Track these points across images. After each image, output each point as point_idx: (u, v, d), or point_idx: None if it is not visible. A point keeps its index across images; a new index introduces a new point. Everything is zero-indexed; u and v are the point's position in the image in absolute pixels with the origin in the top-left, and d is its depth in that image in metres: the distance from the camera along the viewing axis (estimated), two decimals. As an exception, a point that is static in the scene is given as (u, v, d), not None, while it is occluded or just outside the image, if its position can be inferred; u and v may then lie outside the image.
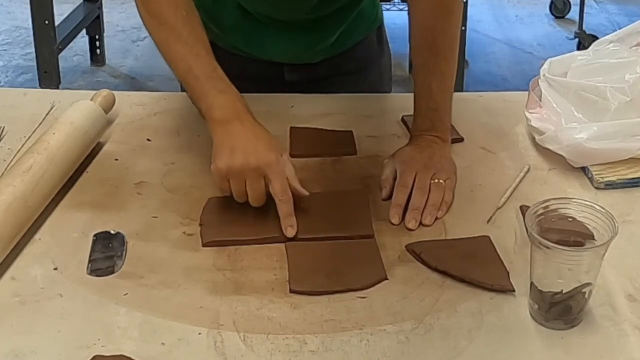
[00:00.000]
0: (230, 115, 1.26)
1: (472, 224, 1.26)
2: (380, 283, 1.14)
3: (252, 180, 1.22)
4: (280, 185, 1.22)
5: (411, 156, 1.36)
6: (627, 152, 1.36)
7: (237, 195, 1.24)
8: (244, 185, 1.23)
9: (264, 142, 1.25)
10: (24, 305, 1.10)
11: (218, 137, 1.26)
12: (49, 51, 3.69)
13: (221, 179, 1.24)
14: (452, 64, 1.42)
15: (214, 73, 1.30)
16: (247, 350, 1.03)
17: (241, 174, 1.22)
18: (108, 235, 1.23)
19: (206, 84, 1.29)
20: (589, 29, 4.41)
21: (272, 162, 1.22)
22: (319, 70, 1.64)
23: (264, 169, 1.22)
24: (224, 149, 1.24)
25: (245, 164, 1.22)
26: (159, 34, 1.35)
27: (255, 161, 1.22)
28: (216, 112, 1.27)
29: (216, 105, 1.27)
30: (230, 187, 1.24)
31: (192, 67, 1.30)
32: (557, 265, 1.03)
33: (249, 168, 1.22)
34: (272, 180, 1.22)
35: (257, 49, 1.60)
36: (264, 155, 1.22)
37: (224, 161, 1.23)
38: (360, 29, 1.64)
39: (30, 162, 1.27)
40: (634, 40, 1.54)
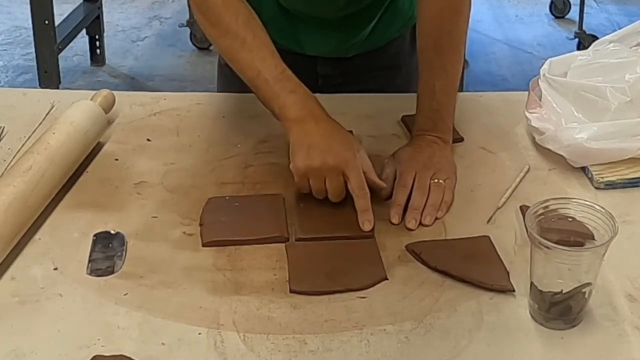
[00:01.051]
0: (304, 114, 1.29)
1: (472, 224, 1.26)
2: (380, 283, 1.14)
3: (331, 178, 1.25)
4: (357, 181, 1.24)
5: (411, 156, 1.36)
6: (627, 152, 1.36)
7: (317, 192, 1.27)
8: (323, 182, 1.26)
9: (339, 139, 1.28)
10: (24, 305, 1.10)
11: (294, 136, 1.28)
12: (49, 51, 3.68)
13: (300, 178, 1.27)
14: (457, 65, 1.42)
15: (283, 75, 1.32)
16: (247, 350, 1.03)
17: (320, 173, 1.25)
18: (108, 235, 1.23)
19: (276, 85, 1.31)
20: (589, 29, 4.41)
21: (349, 160, 1.25)
22: (352, 64, 1.65)
23: (341, 167, 1.24)
24: (302, 148, 1.26)
25: (323, 162, 1.24)
26: (222, 42, 1.37)
27: (332, 160, 1.24)
28: (289, 111, 1.30)
29: (289, 104, 1.30)
30: (309, 185, 1.27)
31: (260, 71, 1.32)
32: (557, 265, 1.03)
33: (328, 166, 1.24)
34: (349, 177, 1.24)
35: (291, 42, 1.61)
36: (341, 153, 1.25)
37: (302, 161, 1.25)
38: (395, 26, 1.65)
39: (30, 162, 1.27)
40: (634, 40, 1.54)
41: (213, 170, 1.40)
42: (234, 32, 1.34)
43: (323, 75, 1.66)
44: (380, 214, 1.28)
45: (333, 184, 1.25)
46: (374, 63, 1.66)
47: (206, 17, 1.37)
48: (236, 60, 1.36)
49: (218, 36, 1.37)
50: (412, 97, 1.43)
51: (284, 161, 1.42)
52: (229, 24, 1.35)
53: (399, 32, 1.66)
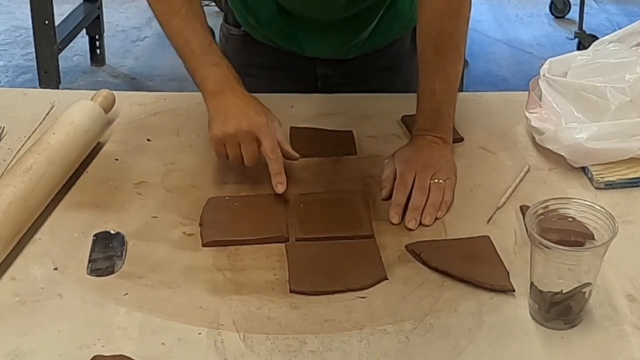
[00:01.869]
0: (223, 87, 1.35)
1: (472, 224, 1.26)
2: (380, 283, 1.14)
3: (246, 143, 1.31)
4: (269, 144, 1.30)
5: (411, 156, 1.36)
6: (627, 152, 1.36)
7: (233, 157, 1.32)
8: (239, 148, 1.31)
9: (254, 108, 1.34)
10: (24, 305, 1.10)
11: (212, 107, 1.35)
12: (49, 51, 3.68)
13: (217, 144, 1.32)
14: (457, 66, 1.42)
15: (209, 47, 1.38)
16: (247, 350, 1.03)
17: (235, 138, 1.31)
18: (108, 235, 1.23)
19: (201, 57, 1.37)
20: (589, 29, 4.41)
21: (261, 125, 1.31)
22: (352, 66, 1.65)
23: (255, 132, 1.30)
24: (219, 117, 1.33)
25: (238, 128, 1.30)
26: (159, 6, 1.41)
27: (247, 125, 1.30)
28: (209, 84, 1.36)
29: (210, 77, 1.36)
30: (226, 152, 1.32)
31: (189, 40, 1.38)
32: (557, 265, 1.03)
33: (242, 131, 1.30)
34: (262, 141, 1.31)
35: (290, 43, 1.62)
36: (254, 119, 1.32)
37: (219, 128, 1.32)
38: (396, 28, 1.65)
39: (30, 162, 1.27)
40: (634, 40, 1.54)
41: (213, 170, 1.40)
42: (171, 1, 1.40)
43: (322, 76, 1.66)
44: (380, 214, 1.28)
45: (247, 149, 1.31)
46: (373, 64, 1.66)
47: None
48: (168, 27, 1.41)
49: (156, 2, 1.42)
50: (412, 97, 1.43)
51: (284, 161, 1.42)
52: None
53: (399, 34, 1.66)
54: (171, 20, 1.40)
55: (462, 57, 1.43)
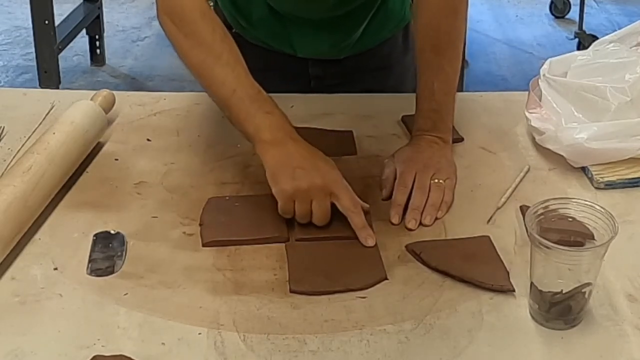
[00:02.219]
0: (281, 136, 1.24)
1: (472, 224, 1.26)
2: (380, 283, 1.14)
3: (319, 199, 1.21)
4: (349, 199, 1.22)
5: (411, 156, 1.36)
6: (627, 152, 1.36)
7: (301, 216, 1.22)
8: (310, 204, 1.21)
9: (322, 159, 1.24)
10: (24, 305, 1.10)
11: (273, 159, 1.23)
12: (49, 51, 3.68)
13: (286, 201, 1.21)
14: (455, 65, 1.42)
15: (259, 95, 1.28)
16: (247, 350, 1.03)
17: (308, 194, 1.20)
18: (108, 235, 1.23)
19: (252, 106, 1.26)
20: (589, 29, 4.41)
21: (337, 179, 1.23)
22: (344, 66, 1.65)
23: (330, 186, 1.21)
24: (285, 170, 1.21)
25: (312, 183, 1.20)
26: (195, 55, 1.30)
27: (321, 180, 1.21)
28: (265, 133, 1.25)
29: (264, 126, 1.25)
30: (294, 209, 1.22)
31: (235, 90, 1.27)
32: (557, 265, 1.03)
33: (317, 187, 1.20)
34: (340, 196, 1.21)
35: (282, 43, 1.61)
36: (328, 173, 1.22)
37: (288, 182, 1.20)
38: (387, 28, 1.65)
39: (30, 162, 1.27)
40: (634, 40, 1.54)
41: (213, 170, 1.40)
42: (210, 46, 1.29)
43: (315, 77, 1.65)
44: (380, 214, 1.28)
45: (321, 206, 1.21)
46: (366, 64, 1.66)
47: (179, 27, 1.31)
48: (209, 76, 1.29)
49: (191, 48, 1.30)
50: (412, 97, 1.43)
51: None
52: (204, 37, 1.29)
53: (391, 33, 1.66)
54: (213, 69, 1.28)
55: (460, 57, 1.43)
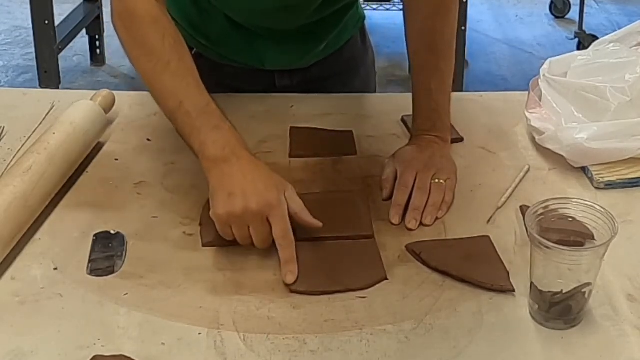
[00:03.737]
0: (225, 154, 1.18)
1: (472, 224, 1.26)
2: (380, 283, 1.14)
3: (255, 225, 1.15)
4: (280, 229, 1.15)
5: (412, 156, 1.36)
6: (627, 152, 1.36)
7: (241, 239, 1.16)
8: (247, 230, 1.15)
9: (263, 181, 1.17)
10: (24, 305, 1.10)
11: (214, 178, 1.17)
12: (49, 51, 3.68)
13: (223, 226, 1.16)
14: (450, 63, 1.42)
15: (207, 107, 1.21)
16: (247, 350, 1.03)
17: (242, 220, 1.14)
18: (108, 235, 1.23)
19: (198, 119, 1.20)
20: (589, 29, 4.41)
21: (273, 204, 1.15)
22: (310, 74, 1.63)
23: (265, 212, 1.14)
24: (222, 193, 1.16)
25: (245, 209, 1.14)
26: (144, 64, 1.24)
27: (256, 204, 1.14)
28: (209, 150, 1.18)
29: (209, 142, 1.19)
30: (232, 233, 1.16)
31: (182, 102, 1.21)
32: (557, 265, 1.03)
33: (251, 213, 1.14)
34: (273, 224, 1.15)
35: (249, 57, 1.58)
36: (264, 196, 1.15)
37: (223, 207, 1.15)
38: (348, 29, 1.64)
39: (30, 162, 1.27)
40: (634, 40, 1.54)
41: (213, 170, 1.40)
42: (159, 55, 1.23)
43: (282, 87, 1.62)
44: (380, 214, 1.28)
45: (258, 232, 1.15)
46: (330, 69, 1.65)
47: (130, 33, 1.26)
48: (157, 86, 1.24)
49: (140, 56, 1.25)
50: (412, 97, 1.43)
51: (284, 161, 1.42)
52: (154, 45, 1.23)
53: (350, 34, 1.65)
54: (161, 78, 1.22)
55: (454, 55, 1.43)
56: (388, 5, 4.58)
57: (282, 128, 1.50)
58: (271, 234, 1.15)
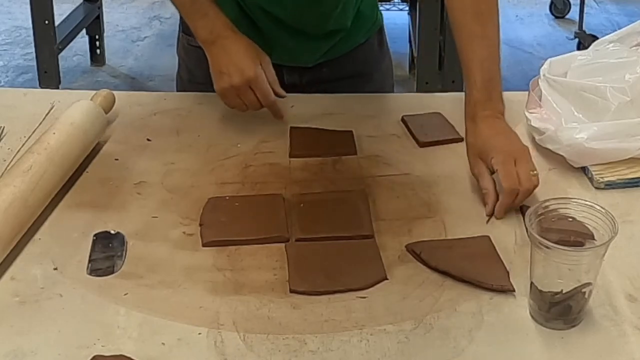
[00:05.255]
0: (212, 37, 1.44)
1: (472, 224, 1.26)
2: (380, 283, 1.14)
3: (244, 95, 1.43)
4: (261, 94, 1.43)
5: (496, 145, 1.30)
6: (627, 152, 1.36)
7: (237, 108, 1.45)
8: (239, 99, 1.44)
9: (241, 55, 1.42)
10: (24, 305, 1.10)
11: (210, 59, 1.45)
12: (49, 51, 3.68)
13: (222, 98, 1.45)
14: (497, 31, 1.42)
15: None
16: (247, 350, 1.03)
17: (233, 91, 1.43)
18: (108, 235, 1.23)
19: (191, 9, 1.47)
20: (589, 29, 4.41)
21: (251, 77, 1.42)
22: (319, 73, 1.63)
23: (247, 84, 1.42)
24: (215, 72, 1.44)
25: (231, 84, 1.42)
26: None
27: (238, 79, 1.41)
28: (200, 35, 1.46)
29: (199, 28, 1.46)
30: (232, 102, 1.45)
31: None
32: (557, 265, 1.03)
33: (236, 86, 1.42)
34: (256, 92, 1.43)
35: None
36: (244, 71, 1.41)
37: (217, 84, 1.44)
38: (360, 32, 1.64)
39: (30, 162, 1.27)
40: (634, 40, 1.54)
41: (213, 170, 1.40)
42: None
43: (291, 85, 1.61)
44: (380, 214, 1.28)
45: (246, 100, 1.43)
46: (341, 71, 1.64)
47: None
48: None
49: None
50: (412, 97, 1.44)
51: (284, 161, 1.42)
52: None
53: (364, 38, 1.65)
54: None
55: (498, 23, 1.43)
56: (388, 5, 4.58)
57: (282, 128, 1.50)
58: (258, 99, 1.44)
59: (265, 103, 1.44)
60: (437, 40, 3.38)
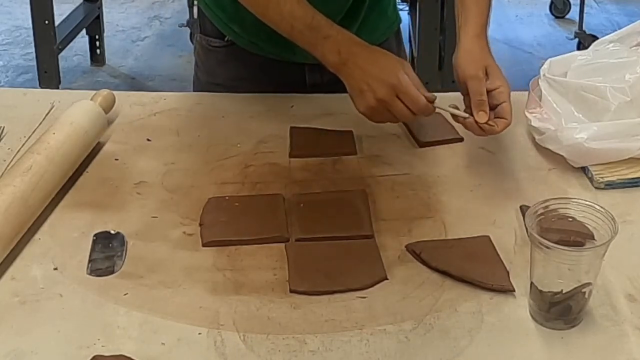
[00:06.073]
0: (342, 58, 1.34)
1: (472, 224, 1.26)
2: (380, 283, 1.14)
3: (393, 106, 1.31)
4: (411, 103, 1.30)
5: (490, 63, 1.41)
6: (627, 152, 1.36)
7: (391, 121, 1.36)
8: (390, 113, 1.32)
9: (380, 67, 1.32)
10: (24, 305, 1.10)
11: (345, 82, 1.35)
12: (49, 51, 3.68)
13: (370, 118, 1.35)
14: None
15: (313, 21, 1.36)
16: (247, 350, 1.03)
17: (379, 108, 1.32)
18: (108, 235, 1.23)
19: (310, 36, 1.37)
20: (589, 29, 4.41)
21: (396, 84, 1.30)
22: None
23: (394, 93, 1.30)
24: (355, 93, 1.34)
25: (377, 99, 1.31)
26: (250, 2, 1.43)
27: (384, 91, 1.30)
28: (329, 59, 1.36)
29: (326, 52, 1.35)
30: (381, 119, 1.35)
31: (293, 25, 1.37)
32: (557, 265, 1.03)
33: (383, 99, 1.30)
34: (404, 101, 1.30)
35: (281, 48, 1.57)
36: (387, 82, 1.30)
37: (361, 105, 1.33)
38: (380, 30, 1.64)
39: (30, 162, 1.27)
40: (634, 40, 1.54)
41: (213, 170, 1.40)
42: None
43: (312, 84, 1.62)
44: (380, 214, 1.28)
45: (397, 111, 1.31)
46: None
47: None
48: (268, 19, 1.41)
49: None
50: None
51: (284, 161, 1.42)
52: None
53: (384, 36, 1.65)
54: (267, 12, 1.40)
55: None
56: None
57: (282, 128, 1.50)
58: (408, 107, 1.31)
59: (416, 109, 1.31)
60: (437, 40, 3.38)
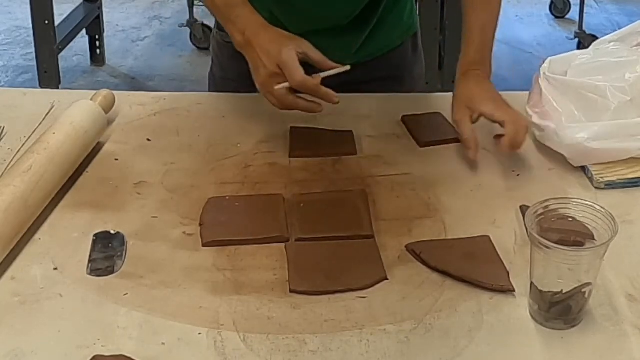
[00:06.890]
0: (245, 37, 1.41)
1: (472, 224, 1.26)
2: (380, 283, 1.14)
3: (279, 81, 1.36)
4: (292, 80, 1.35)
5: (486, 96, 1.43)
6: (627, 152, 1.36)
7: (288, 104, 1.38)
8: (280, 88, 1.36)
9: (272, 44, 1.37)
10: (24, 305, 1.10)
11: (248, 59, 1.41)
12: (49, 51, 3.69)
13: (265, 95, 1.39)
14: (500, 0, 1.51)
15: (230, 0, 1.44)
16: (247, 350, 1.03)
17: (270, 84, 1.36)
18: (108, 235, 1.23)
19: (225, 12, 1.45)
20: (589, 29, 4.41)
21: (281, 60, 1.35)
22: (352, 75, 1.62)
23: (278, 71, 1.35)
24: (253, 70, 1.40)
25: (268, 74, 1.36)
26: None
27: (270, 65, 1.35)
28: (235, 38, 1.43)
29: (234, 31, 1.43)
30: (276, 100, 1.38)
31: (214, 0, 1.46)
32: (557, 265, 1.03)
33: (272, 73, 1.35)
34: (289, 79, 1.35)
35: None
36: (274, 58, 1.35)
37: (257, 80, 1.39)
38: (396, 34, 1.64)
39: (30, 162, 1.27)
40: (634, 40, 1.54)
41: (213, 170, 1.40)
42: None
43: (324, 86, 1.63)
44: (380, 214, 1.28)
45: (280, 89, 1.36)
46: (374, 73, 1.64)
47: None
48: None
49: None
50: (412, 97, 1.43)
51: (284, 161, 1.42)
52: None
53: (400, 40, 1.65)
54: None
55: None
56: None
57: (282, 128, 1.50)
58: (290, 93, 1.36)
59: (294, 84, 1.35)
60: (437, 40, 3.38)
